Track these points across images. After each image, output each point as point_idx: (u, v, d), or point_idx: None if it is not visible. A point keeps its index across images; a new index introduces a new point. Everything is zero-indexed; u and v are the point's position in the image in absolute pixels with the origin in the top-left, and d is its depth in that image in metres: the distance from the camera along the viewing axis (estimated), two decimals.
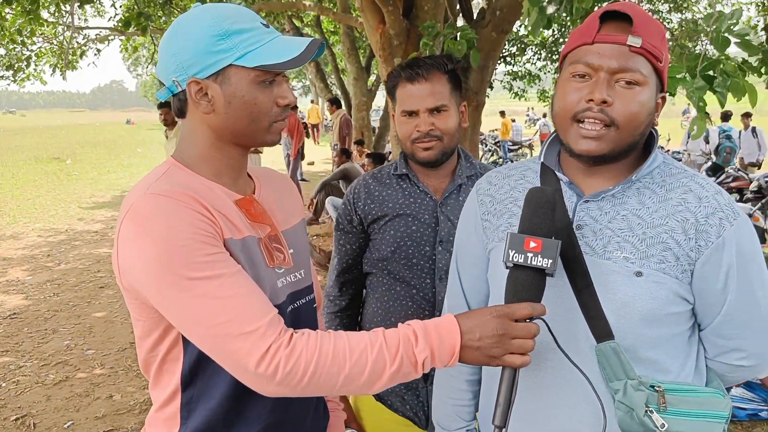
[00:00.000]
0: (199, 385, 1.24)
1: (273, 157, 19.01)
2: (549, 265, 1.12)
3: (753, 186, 8.30)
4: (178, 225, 1.10)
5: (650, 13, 1.23)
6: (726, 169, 9.44)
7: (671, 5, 14.69)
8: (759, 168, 11.17)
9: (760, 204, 7.86)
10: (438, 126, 1.82)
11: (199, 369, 1.23)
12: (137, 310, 1.22)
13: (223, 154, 1.27)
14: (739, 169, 9.55)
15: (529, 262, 1.13)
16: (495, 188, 1.43)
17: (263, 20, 1.24)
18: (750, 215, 7.61)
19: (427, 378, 1.90)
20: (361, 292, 2.10)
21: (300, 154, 11.73)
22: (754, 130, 11.39)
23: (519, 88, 15.61)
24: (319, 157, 18.88)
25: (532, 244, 1.13)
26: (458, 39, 3.56)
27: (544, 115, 23.05)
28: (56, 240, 9.38)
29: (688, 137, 12.46)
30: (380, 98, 20.46)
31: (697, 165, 11.19)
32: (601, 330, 1.20)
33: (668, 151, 13.83)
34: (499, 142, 19.16)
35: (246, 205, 1.28)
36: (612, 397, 1.21)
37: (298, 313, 1.35)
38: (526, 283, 1.15)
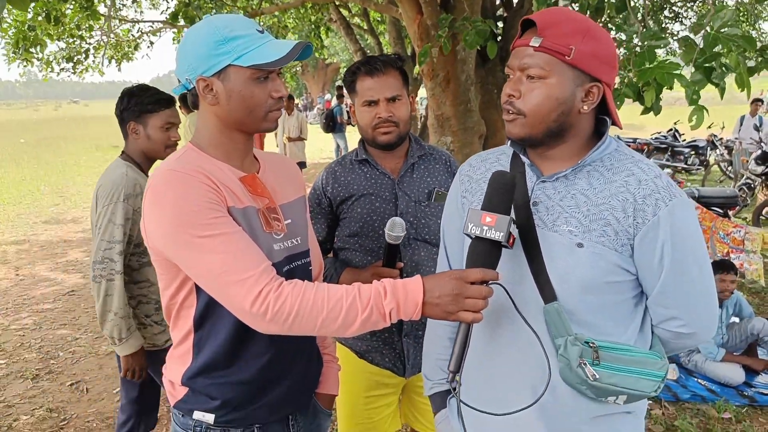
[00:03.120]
0: (207, 327, 1.50)
1: (321, 145, 19.33)
2: (501, 238, 1.29)
3: None
4: (190, 194, 1.35)
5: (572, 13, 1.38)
6: None
7: None
8: None
9: None
10: (395, 113, 2.08)
11: (207, 314, 1.48)
12: (161, 266, 1.47)
13: (229, 138, 1.51)
14: None
15: (484, 234, 1.31)
16: (473, 170, 1.61)
17: (259, 27, 1.46)
18: None
19: (401, 332, 2.15)
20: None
21: None
22: None
23: None
24: None
25: (488, 219, 1.31)
26: (471, 31, 3.67)
27: None
28: None
29: (740, 126, 12.15)
30: None
31: (749, 153, 10.92)
32: (547, 294, 1.36)
33: (721, 139, 13.52)
34: None
35: (249, 181, 1.51)
36: (556, 352, 1.37)
37: (293, 273, 1.56)
38: (482, 253, 1.33)
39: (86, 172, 16.64)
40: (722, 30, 2.33)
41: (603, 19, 3.67)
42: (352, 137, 17.29)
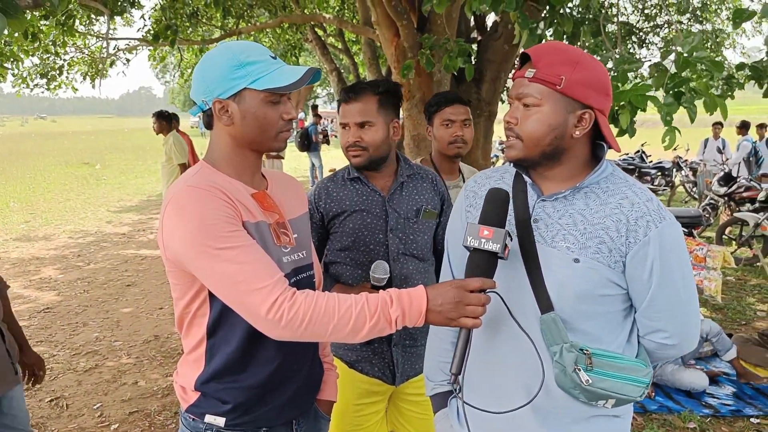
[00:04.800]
0: (220, 334, 1.58)
1: (296, 164, 19.42)
2: (497, 249, 1.41)
3: (761, 196, 8.43)
4: (208, 209, 1.44)
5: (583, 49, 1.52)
6: (738, 179, 9.56)
7: (691, 16, 14.83)
8: None
9: (767, 214, 7.99)
10: (364, 138, 2.20)
11: (220, 322, 1.57)
12: (176, 276, 1.56)
13: (241, 157, 1.61)
14: (751, 179, 9.66)
15: (482, 246, 1.42)
16: (478, 186, 1.72)
17: (272, 53, 1.57)
18: (758, 224, 7.77)
19: (390, 342, 2.27)
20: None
21: None
22: None
23: None
24: (340, 164, 19.21)
25: (485, 232, 1.42)
26: (453, 53, 3.83)
27: None
28: (86, 241, 9.81)
29: (704, 148, 12.58)
30: None
31: (712, 174, 11.29)
32: (544, 303, 1.48)
33: (686, 160, 13.93)
34: None
35: (260, 197, 1.62)
36: (551, 358, 1.48)
37: (299, 284, 1.66)
38: (480, 263, 1.44)
39: (56, 188, 16.44)
40: (692, 54, 2.50)
41: (578, 45, 3.86)
42: (327, 156, 17.42)
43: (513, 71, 1.53)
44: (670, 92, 2.59)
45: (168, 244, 1.49)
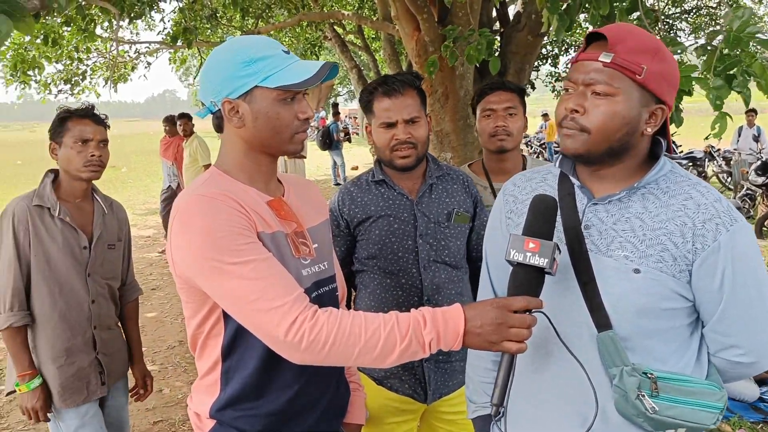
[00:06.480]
0: (236, 357, 1.44)
1: (318, 162, 19.35)
2: (545, 264, 1.24)
3: None
4: (219, 220, 1.30)
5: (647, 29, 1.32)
6: None
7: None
8: None
9: None
10: (414, 135, 2.03)
11: (236, 343, 1.43)
12: (187, 294, 1.42)
13: (254, 161, 1.47)
14: None
15: (527, 260, 1.25)
16: (518, 189, 1.56)
17: (284, 48, 1.43)
18: None
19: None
20: (349, 288, 2.28)
21: None
22: None
23: (562, 88, 15.61)
24: (362, 161, 19.12)
25: (531, 245, 1.26)
26: (479, 45, 3.66)
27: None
28: None
29: (738, 136, 12.21)
30: None
31: (748, 164, 10.93)
32: (600, 321, 1.31)
33: (719, 150, 13.56)
34: (544, 143, 19.09)
35: (276, 205, 1.47)
36: (610, 381, 1.32)
37: (321, 299, 1.52)
38: (525, 279, 1.28)
39: None
40: (743, 30, 2.28)
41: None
42: (348, 154, 17.30)
43: (580, 52, 1.34)
44: (720, 75, 2.39)
45: (176, 259, 1.36)
